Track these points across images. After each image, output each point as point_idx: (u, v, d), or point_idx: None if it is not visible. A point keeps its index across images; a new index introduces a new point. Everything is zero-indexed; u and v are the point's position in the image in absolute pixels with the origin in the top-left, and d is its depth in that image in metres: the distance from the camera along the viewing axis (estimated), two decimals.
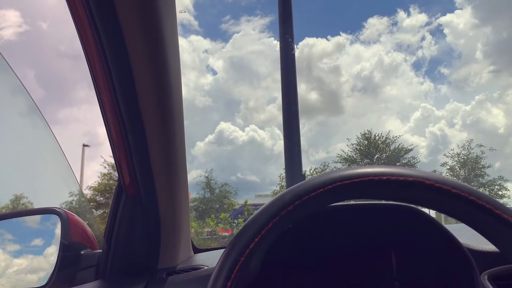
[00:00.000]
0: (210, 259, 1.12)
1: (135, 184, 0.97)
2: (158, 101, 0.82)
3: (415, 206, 0.87)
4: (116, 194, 1.03)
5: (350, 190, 0.53)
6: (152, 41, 0.71)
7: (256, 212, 0.60)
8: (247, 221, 0.60)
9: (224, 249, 0.56)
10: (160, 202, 0.99)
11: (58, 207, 1.06)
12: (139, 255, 1.02)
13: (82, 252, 1.03)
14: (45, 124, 1.10)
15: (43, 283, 1.00)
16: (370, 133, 27.59)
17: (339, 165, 27.46)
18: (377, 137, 27.44)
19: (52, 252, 1.03)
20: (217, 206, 26.52)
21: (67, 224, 1.02)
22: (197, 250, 1.33)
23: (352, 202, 0.90)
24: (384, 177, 0.52)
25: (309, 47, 38.94)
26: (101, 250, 1.04)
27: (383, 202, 0.90)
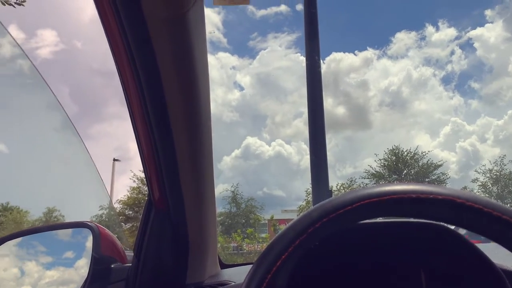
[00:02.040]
0: (237, 275, 1.12)
1: (165, 199, 0.99)
2: (187, 118, 0.84)
3: (445, 224, 0.86)
4: (146, 208, 1.05)
5: (379, 208, 0.52)
6: (182, 60, 0.73)
7: (283, 229, 0.60)
8: (274, 238, 0.60)
9: (251, 265, 0.56)
10: (188, 217, 1.00)
11: (90, 221, 1.09)
12: (167, 270, 1.03)
13: (112, 266, 1.04)
14: (79, 139, 1.14)
15: None
16: (398, 148, 27.14)
17: (366, 181, 27.07)
18: (405, 153, 26.94)
19: (83, 265, 1.06)
20: (243, 221, 26.46)
21: (98, 237, 1.04)
22: (224, 266, 1.33)
23: (380, 219, 0.88)
24: (414, 195, 0.51)
25: (336, 62, 38.92)
26: (130, 264, 1.06)
27: (412, 220, 0.88)
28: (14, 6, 5.14)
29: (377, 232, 0.91)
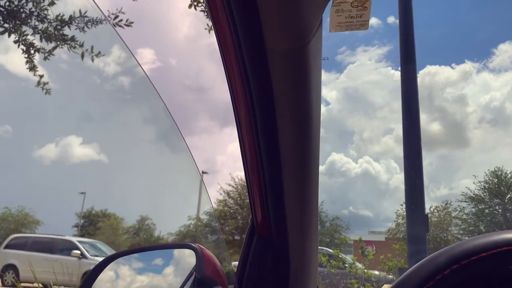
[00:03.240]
0: None
1: (268, 225, 0.98)
2: (297, 147, 0.83)
3: None
4: (248, 232, 1.05)
5: None
6: (298, 90, 0.72)
7: (404, 274, 0.56)
8: (394, 284, 0.57)
9: None
10: (291, 245, 0.98)
11: (193, 242, 1.11)
12: None
13: None
14: (185, 149, 1.17)
15: None
16: (501, 169, 24.88)
17: (464, 204, 25.19)
18: (509, 175, 24.61)
19: (187, 286, 1.09)
20: (328, 240, 25.96)
21: (202, 259, 1.06)
22: None
23: None
24: None
25: (431, 76, 37.02)
26: None
27: None
28: (123, 27, 5.64)
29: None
